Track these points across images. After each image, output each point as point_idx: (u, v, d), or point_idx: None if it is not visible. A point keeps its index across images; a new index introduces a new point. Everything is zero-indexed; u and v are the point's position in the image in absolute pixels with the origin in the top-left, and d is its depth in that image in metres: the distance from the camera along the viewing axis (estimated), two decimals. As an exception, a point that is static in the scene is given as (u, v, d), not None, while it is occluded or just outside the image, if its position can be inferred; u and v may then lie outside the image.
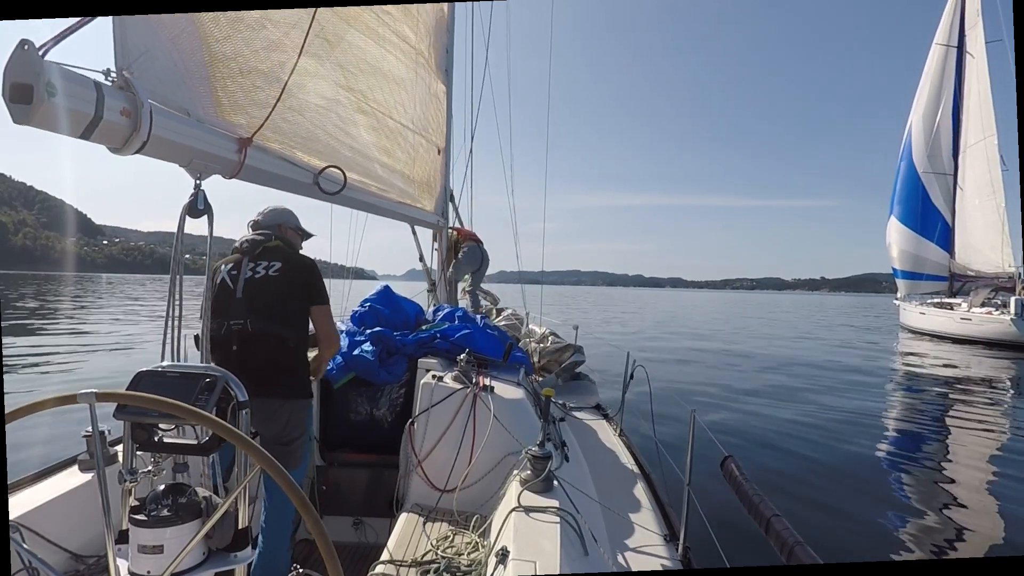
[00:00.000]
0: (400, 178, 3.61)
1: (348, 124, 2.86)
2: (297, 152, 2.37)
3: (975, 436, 7.31)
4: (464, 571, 1.87)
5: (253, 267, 2.12)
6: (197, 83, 1.80)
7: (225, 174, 1.92)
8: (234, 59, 1.95)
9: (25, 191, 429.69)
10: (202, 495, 1.18)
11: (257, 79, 2.08)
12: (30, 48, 1.20)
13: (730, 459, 1.97)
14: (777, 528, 1.49)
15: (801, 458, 6.04)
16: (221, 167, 1.86)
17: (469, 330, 3.07)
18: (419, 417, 2.52)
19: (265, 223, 2.28)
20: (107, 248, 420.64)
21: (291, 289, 2.11)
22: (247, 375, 2.00)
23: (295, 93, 2.36)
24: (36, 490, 1.86)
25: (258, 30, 2.09)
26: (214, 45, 1.86)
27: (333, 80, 2.70)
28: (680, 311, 43.84)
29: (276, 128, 2.23)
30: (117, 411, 1.15)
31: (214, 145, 1.80)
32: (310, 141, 2.48)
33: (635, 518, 2.37)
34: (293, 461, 2.10)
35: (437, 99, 4.39)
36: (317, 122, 2.55)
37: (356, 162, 2.94)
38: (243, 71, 1.98)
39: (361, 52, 2.93)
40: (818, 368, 13.14)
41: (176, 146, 1.65)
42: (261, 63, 2.10)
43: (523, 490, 1.92)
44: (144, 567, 1.07)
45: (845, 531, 4.28)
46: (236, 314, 2.04)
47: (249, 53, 2.04)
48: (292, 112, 2.35)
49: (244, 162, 1.92)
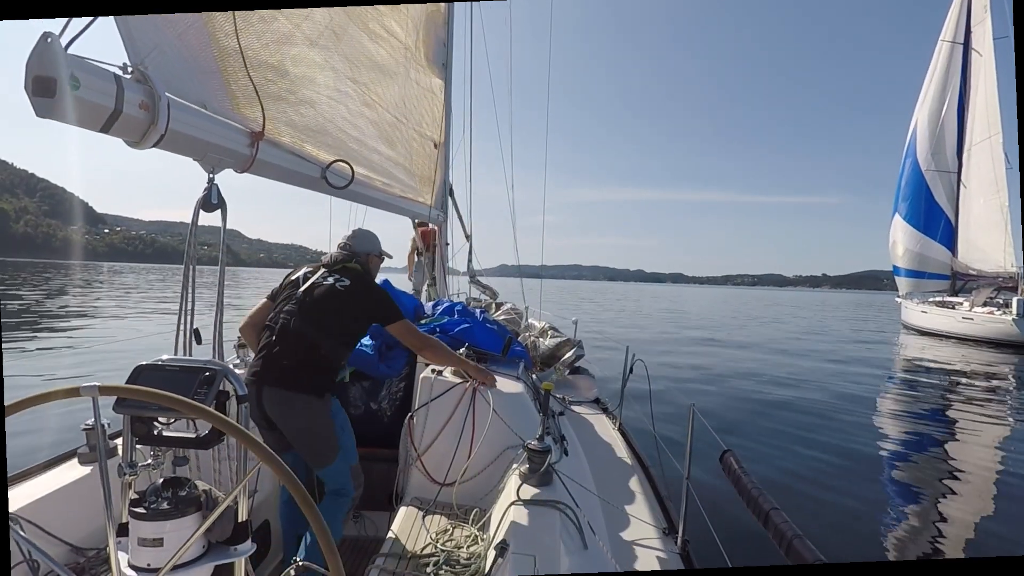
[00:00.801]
0: (403, 172, 3.60)
1: (356, 117, 2.85)
2: (307, 146, 2.37)
3: (974, 435, 7.33)
4: (463, 564, 1.88)
5: (325, 276, 2.27)
6: (209, 77, 1.79)
7: (237, 168, 1.92)
8: (244, 53, 1.94)
9: (27, 178, 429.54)
10: (201, 488, 1.18)
11: (268, 72, 2.07)
12: (53, 41, 1.18)
13: (729, 453, 1.98)
14: (776, 521, 1.49)
15: (800, 454, 6.06)
16: (234, 161, 1.86)
17: (468, 324, 3.07)
18: (418, 411, 2.52)
19: (355, 248, 2.41)
20: (108, 237, 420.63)
21: (348, 307, 2.22)
22: (272, 366, 2.08)
23: (305, 86, 2.35)
24: (36, 483, 1.86)
25: (269, 22, 2.08)
26: (223, 40, 1.84)
27: (342, 73, 2.69)
28: (682, 307, 43.82)
29: (289, 121, 2.22)
30: (117, 404, 1.15)
31: (228, 139, 1.80)
32: (320, 134, 2.48)
33: (634, 512, 2.38)
34: (314, 452, 2.13)
35: (432, 93, 4.37)
36: (327, 115, 2.55)
37: (362, 155, 2.94)
38: (253, 65, 1.97)
39: (360, 46, 2.92)
40: (819, 366, 13.15)
41: (192, 140, 1.65)
42: (271, 56, 2.09)
43: (522, 484, 1.92)
44: (144, 560, 1.07)
45: (844, 526, 4.30)
46: (290, 310, 2.17)
47: (259, 47, 2.03)
48: (304, 105, 2.34)
49: (256, 156, 1.92)
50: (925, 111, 23.98)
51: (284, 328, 2.13)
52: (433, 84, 4.37)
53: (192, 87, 1.71)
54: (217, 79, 1.82)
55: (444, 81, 4.55)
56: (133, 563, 1.08)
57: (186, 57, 1.70)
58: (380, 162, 3.20)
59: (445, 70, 4.54)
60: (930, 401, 9.53)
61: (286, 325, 2.13)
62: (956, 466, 5.96)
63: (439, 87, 4.49)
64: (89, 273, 71.04)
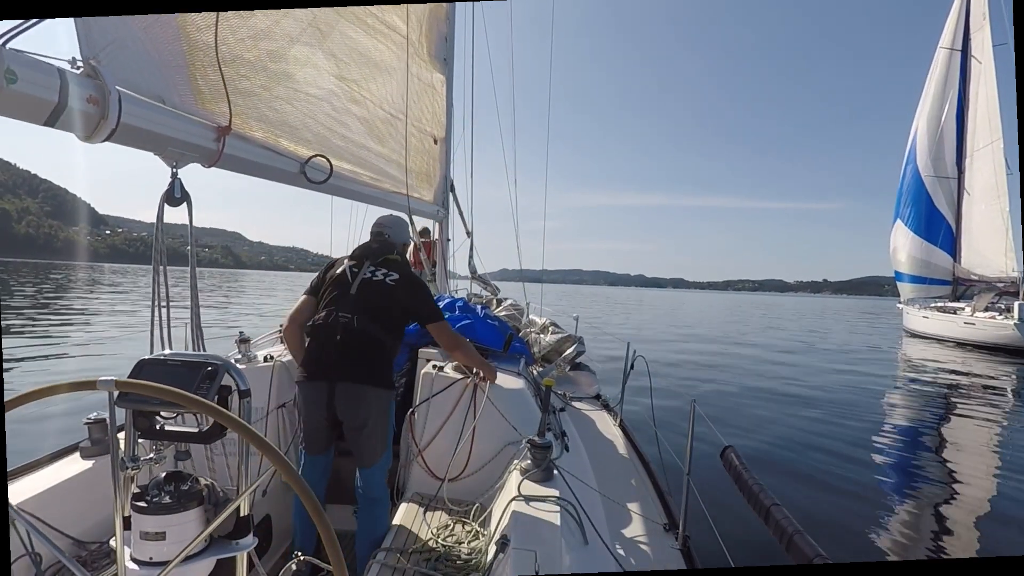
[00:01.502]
0: (396, 167, 3.60)
1: (342, 114, 2.85)
2: (283, 141, 2.35)
3: (975, 438, 7.32)
4: (464, 560, 1.88)
5: (373, 271, 2.30)
6: (173, 72, 1.78)
7: (204, 163, 1.91)
8: (217, 48, 1.93)
9: (29, 179, 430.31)
10: (204, 483, 1.18)
11: (242, 68, 2.07)
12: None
13: (730, 449, 1.98)
14: (777, 517, 1.49)
15: (801, 451, 6.06)
16: (199, 155, 1.85)
17: (470, 320, 3.07)
18: (420, 407, 2.52)
19: (392, 238, 2.47)
20: (109, 238, 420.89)
21: (399, 303, 2.28)
22: (344, 362, 2.13)
23: (284, 82, 2.35)
24: (38, 476, 1.86)
25: (246, 18, 2.09)
26: (194, 34, 1.84)
27: (326, 70, 2.69)
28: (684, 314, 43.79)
29: (262, 117, 2.21)
30: (119, 399, 1.16)
31: (189, 133, 1.78)
32: (299, 130, 2.47)
33: (635, 507, 2.37)
34: (370, 449, 2.16)
35: (433, 88, 4.37)
36: (308, 111, 2.54)
37: (349, 151, 2.94)
38: (226, 60, 1.97)
39: (352, 41, 2.93)
40: (820, 366, 13.15)
41: (148, 134, 1.64)
42: (247, 52, 2.09)
43: (523, 479, 1.92)
44: (146, 554, 1.08)
45: (844, 524, 4.30)
46: (346, 308, 2.20)
47: (234, 41, 2.03)
48: (280, 101, 2.34)
49: (223, 151, 1.91)
50: (924, 118, 24.14)
51: (348, 326, 2.16)
52: (434, 79, 4.38)
53: (153, 81, 1.70)
54: (183, 73, 1.81)
55: (445, 76, 4.56)
56: (135, 556, 1.09)
57: (150, 51, 1.69)
58: (368, 157, 3.20)
59: (447, 65, 4.55)
60: (931, 406, 9.52)
61: (349, 323, 2.16)
62: (957, 468, 5.95)
63: (440, 82, 4.50)
64: (92, 274, 71.06)
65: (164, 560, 1.03)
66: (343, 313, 2.18)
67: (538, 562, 1.47)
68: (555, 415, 2.80)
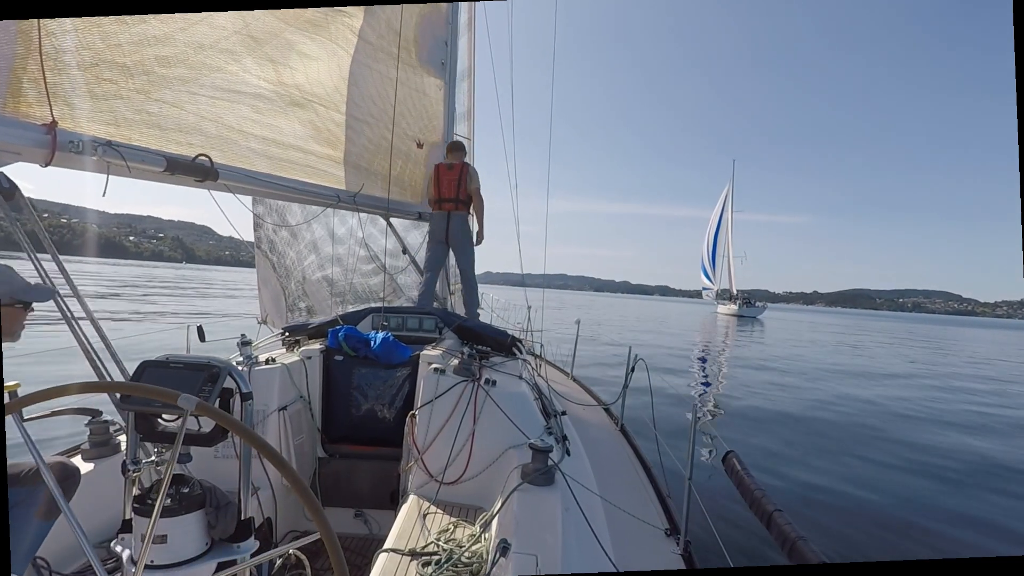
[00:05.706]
0: (352, 169, 3.66)
1: (267, 115, 2.90)
2: (156, 143, 2.30)
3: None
4: (465, 563, 1.87)
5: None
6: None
7: (40, 162, 1.89)
8: (75, 52, 1.94)
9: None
10: (205, 486, 1.18)
11: (110, 71, 2.07)
12: None
13: (732, 454, 1.97)
14: (779, 523, 1.48)
15: (802, 453, 6.06)
16: (23, 156, 1.84)
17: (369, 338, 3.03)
18: (421, 409, 2.52)
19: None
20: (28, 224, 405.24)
21: None
22: None
23: (175, 86, 2.35)
24: None
25: (131, 25, 2.10)
26: (44, 39, 1.82)
27: (256, 74, 2.75)
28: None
29: (124, 119, 2.18)
30: (122, 401, 1.15)
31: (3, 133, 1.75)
32: (190, 133, 2.46)
33: (636, 512, 2.37)
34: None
35: (423, 93, 4.35)
36: (210, 114, 2.55)
37: (270, 152, 2.97)
38: (85, 64, 1.97)
39: (303, 46, 3.01)
40: (820, 368, 13.15)
41: None
42: (123, 57, 2.10)
43: (524, 483, 1.91)
44: (148, 556, 1.07)
45: (844, 523, 4.29)
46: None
47: (104, 47, 2.03)
48: (164, 104, 2.32)
49: (55, 151, 1.87)
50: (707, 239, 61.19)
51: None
52: (426, 84, 4.36)
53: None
54: (4, 76, 1.78)
55: (444, 80, 4.53)
56: (136, 558, 1.09)
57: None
58: (297, 158, 3.21)
59: (445, 69, 4.52)
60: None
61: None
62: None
63: (436, 87, 4.48)
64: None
65: (166, 563, 1.03)
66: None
67: (539, 566, 1.47)
68: (556, 418, 2.79)
